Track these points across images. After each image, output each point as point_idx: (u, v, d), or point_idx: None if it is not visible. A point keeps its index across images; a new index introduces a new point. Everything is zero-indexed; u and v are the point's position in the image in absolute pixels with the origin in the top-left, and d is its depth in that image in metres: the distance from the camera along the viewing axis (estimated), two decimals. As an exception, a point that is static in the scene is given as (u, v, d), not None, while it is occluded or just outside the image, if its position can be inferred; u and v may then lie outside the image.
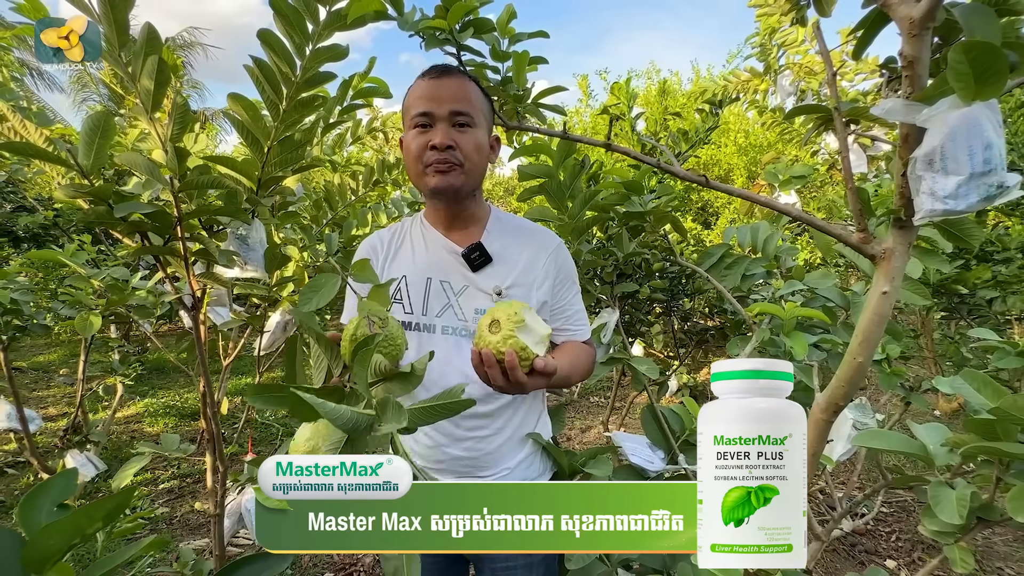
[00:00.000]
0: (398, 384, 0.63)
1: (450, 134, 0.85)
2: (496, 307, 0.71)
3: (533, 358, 0.68)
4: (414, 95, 0.88)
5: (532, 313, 0.71)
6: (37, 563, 0.37)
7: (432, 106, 0.85)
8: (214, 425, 1.31)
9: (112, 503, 0.37)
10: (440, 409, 0.56)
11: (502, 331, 0.67)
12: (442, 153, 0.85)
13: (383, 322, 0.65)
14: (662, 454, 1.16)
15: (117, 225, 1.06)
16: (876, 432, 0.84)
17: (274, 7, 0.94)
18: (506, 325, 0.67)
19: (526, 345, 0.67)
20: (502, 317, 0.68)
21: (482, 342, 0.69)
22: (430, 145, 0.85)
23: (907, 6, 0.70)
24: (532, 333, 0.69)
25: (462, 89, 0.87)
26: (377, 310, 0.67)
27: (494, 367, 0.68)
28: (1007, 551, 2.10)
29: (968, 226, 0.83)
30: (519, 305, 0.69)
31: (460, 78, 0.89)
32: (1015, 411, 0.65)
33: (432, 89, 0.86)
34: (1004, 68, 0.63)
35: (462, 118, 0.86)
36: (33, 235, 3.88)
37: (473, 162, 0.88)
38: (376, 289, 0.72)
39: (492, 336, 0.68)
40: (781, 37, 2.53)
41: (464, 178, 0.88)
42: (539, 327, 0.70)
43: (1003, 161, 0.68)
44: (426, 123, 0.86)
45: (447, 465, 0.91)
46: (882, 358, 1.08)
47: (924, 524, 0.76)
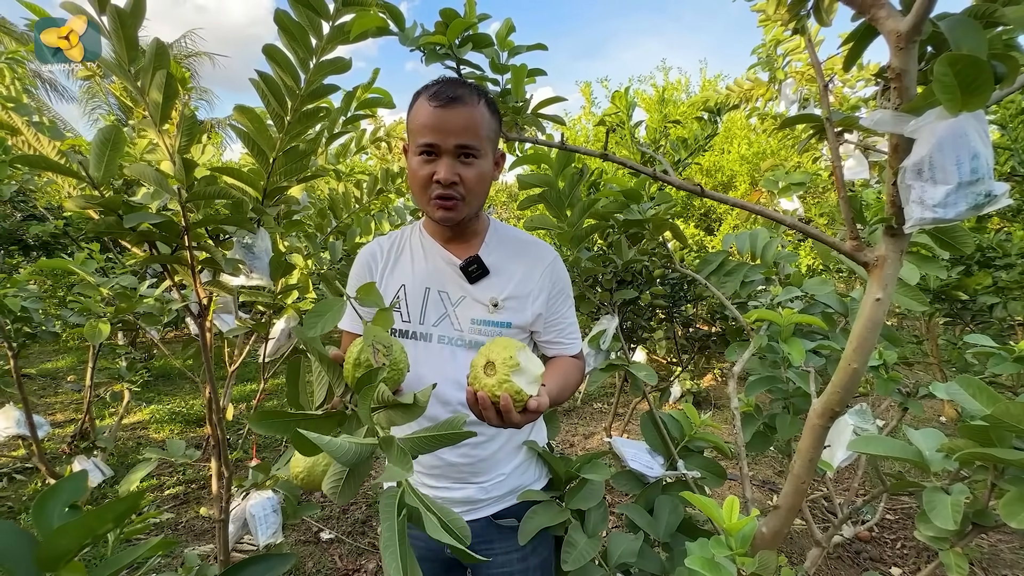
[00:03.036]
0: (400, 413, 0.63)
1: (455, 168, 0.85)
2: (491, 346, 0.71)
3: (527, 399, 0.69)
4: (420, 119, 0.86)
5: (526, 353, 0.71)
6: (50, 562, 0.39)
7: (438, 138, 0.84)
8: (219, 431, 1.32)
9: (123, 505, 0.39)
10: (441, 439, 0.57)
11: (497, 375, 0.68)
12: (446, 189, 0.85)
13: (387, 350, 0.66)
14: (661, 460, 1.17)
15: (126, 235, 1.09)
16: (872, 438, 0.85)
17: (278, 23, 0.96)
18: (501, 369, 0.68)
19: (521, 388, 0.68)
20: (497, 360, 0.69)
21: (477, 383, 0.70)
22: (434, 179, 0.85)
23: (894, 20, 0.72)
24: (526, 374, 0.70)
25: (470, 119, 0.85)
26: (382, 336, 0.67)
27: (489, 409, 0.69)
28: (1013, 558, 2.08)
29: (959, 234, 0.84)
30: (514, 346, 0.70)
31: (469, 107, 0.85)
32: (1008, 418, 0.65)
33: (439, 120, 0.84)
34: (989, 80, 0.64)
35: (467, 150, 0.85)
36: (43, 243, 3.94)
37: (475, 194, 0.89)
38: (381, 314, 0.72)
39: (488, 379, 0.69)
40: (785, 44, 2.55)
41: (466, 211, 0.89)
42: (532, 367, 0.71)
43: (990, 170, 0.69)
44: (431, 154, 0.86)
45: (443, 471, 0.92)
46: (879, 364, 1.09)
47: (920, 530, 0.77)
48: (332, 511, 2.64)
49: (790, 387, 1.23)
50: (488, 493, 0.93)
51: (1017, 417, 0.62)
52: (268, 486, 1.57)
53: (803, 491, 0.94)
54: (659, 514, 1.04)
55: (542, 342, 0.99)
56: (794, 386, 1.22)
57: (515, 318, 0.92)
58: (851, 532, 1.36)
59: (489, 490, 0.93)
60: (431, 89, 0.86)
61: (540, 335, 0.97)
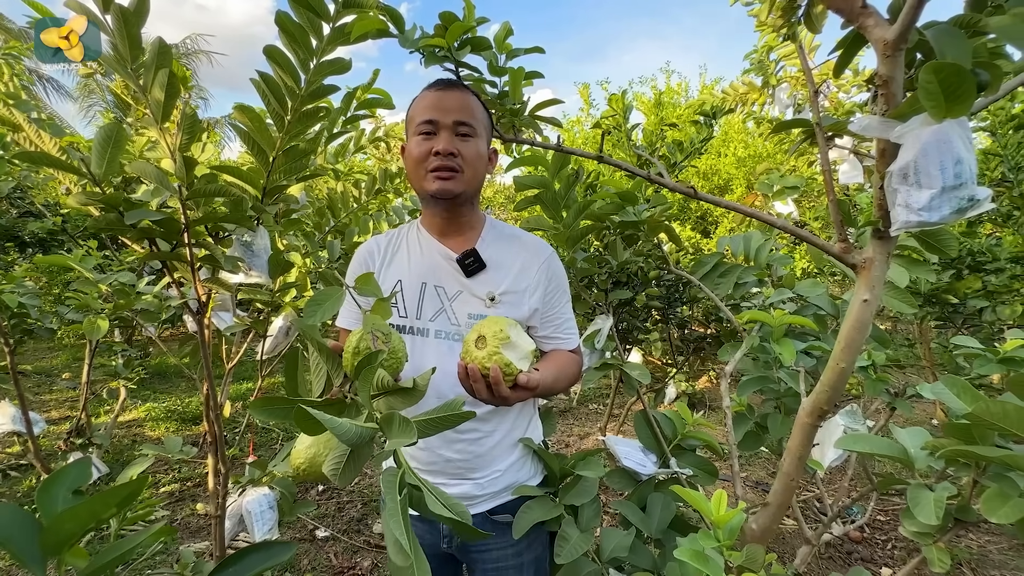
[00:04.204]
0: (400, 398, 0.64)
1: (453, 141, 0.89)
2: (483, 323, 0.73)
3: (517, 373, 0.71)
4: (419, 105, 0.92)
5: (517, 329, 0.73)
6: (54, 546, 0.40)
7: (437, 114, 0.89)
8: (217, 427, 1.33)
9: (126, 490, 0.40)
10: (442, 421, 0.58)
11: (488, 347, 0.70)
12: (445, 159, 0.88)
13: (386, 337, 0.68)
14: (654, 458, 1.18)
15: (127, 231, 1.10)
16: (860, 436, 0.87)
17: (279, 24, 0.98)
18: (492, 341, 0.70)
19: (511, 361, 0.69)
20: (488, 333, 0.71)
21: (468, 357, 0.71)
22: (433, 151, 0.88)
23: (881, 28, 0.74)
24: (517, 349, 0.71)
25: (466, 101, 0.91)
26: (380, 325, 0.69)
27: (479, 381, 0.71)
28: (1002, 559, 2.10)
29: (944, 236, 0.86)
30: (505, 322, 0.72)
31: (464, 91, 0.93)
32: (988, 416, 0.67)
33: (437, 99, 0.90)
34: (972, 88, 0.66)
35: (465, 128, 0.90)
36: (39, 240, 3.93)
37: (473, 169, 0.92)
38: (380, 303, 0.74)
39: (478, 352, 0.70)
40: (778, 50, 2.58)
41: (463, 185, 0.91)
42: (524, 343, 0.73)
43: (973, 175, 0.71)
44: (430, 131, 0.90)
45: (440, 467, 0.93)
46: (867, 364, 1.11)
47: (904, 525, 0.79)
48: (328, 509, 2.65)
49: (781, 387, 1.25)
50: (484, 489, 0.94)
51: (997, 415, 0.63)
52: (265, 483, 1.57)
53: (792, 488, 0.95)
54: (651, 511, 1.05)
55: (539, 337, 1.00)
56: (785, 386, 1.24)
57: (512, 313, 0.93)
58: (840, 530, 1.38)
59: (485, 486, 0.94)
60: (429, 84, 0.94)
61: (537, 331, 0.99)
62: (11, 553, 0.40)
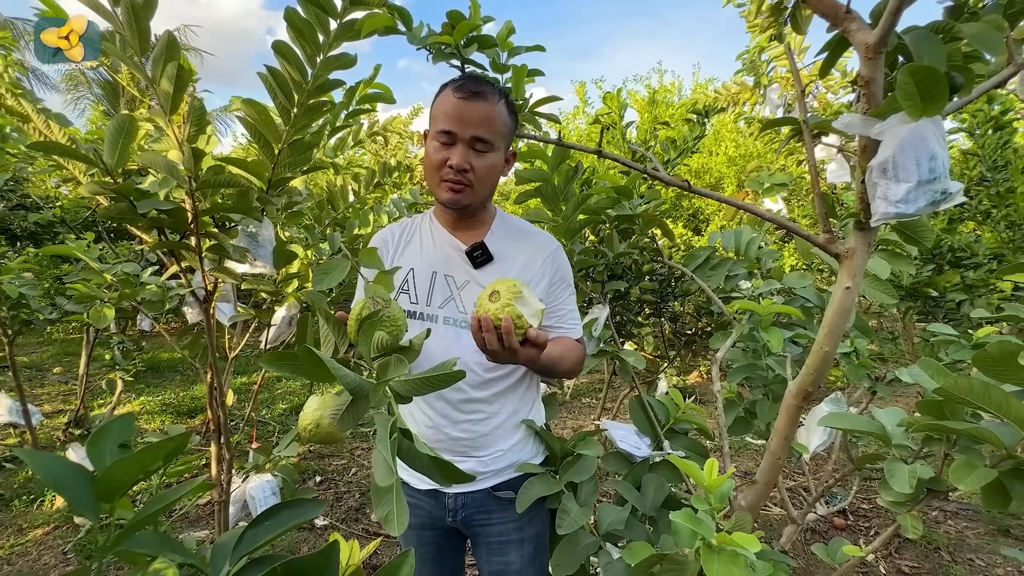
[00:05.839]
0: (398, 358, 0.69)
1: (467, 157, 0.91)
2: (496, 281, 0.78)
3: (527, 327, 0.75)
4: (443, 107, 0.92)
5: (528, 289, 0.78)
6: (107, 494, 0.44)
7: (456, 126, 0.90)
8: (221, 413, 1.36)
9: (172, 443, 0.44)
10: (435, 380, 0.61)
11: (501, 300, 0.74)
12: (457, 174, 0.91)
13: (386, 303, 0.72)
14: (648, 441, 1.23)
15: (137, 220, 1.12)
16: (841, 414, 0.92)
17: (288, 20, 1.01)
18: (505, 295, 0.74)
19: (522, 314, 0.74)
20: (502, 289, 0.75)
21: (481, 310, 0.76)
22: (448, 164, 0.91)
23: (863, 32, 0.79)
24: (528, 306, 0.76)
25: (488, 114, 0.91)
26: (381, 293, 0.73)
27: (491, 332, 0.74)
28: (978, 543, 2.19)
29: (920, 228, 0.92)
30: (519, 282, 0.76)
31: (489, 103, 0.91)
32: (956, 391, 0.73)
33: (460, 110, 0.90)
34: (945, 89, 0.72)
35: (481, 144, 0.91)
36: (30, 233, 3.91)
37: (483, 183, 0.95)
38: (382, 275, 0.78)
39: (491, 304, 0.75)
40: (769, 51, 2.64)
41: (473, 197, 0.95)
42: (534, 302, 0.77)
43: (946, 170, 0.76)
44: (448, 141, 0.92)
45: (446, 445, 0.98)
46: (850, 351, 1.16)
47: (881, 496, 0.84)
48: (327, 498, 2.68)
49: (769, 375, 1.31)
50: (488, 466, 0.99)
51: (964, 390, 0.69)
52: (268, 469, 1.61)
53: (779, 467, 1.01)
54: (646, 490, 1.10)
55: (543, 328, 1.04)
56: (773, 374, 1.29)
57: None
58: (825, 511, 1.44)
59: (488, 463, 0.99)
60: (457, 82, 0.93)
61: (542, 321, 1.03)
62: (67, 500, 0.43)
